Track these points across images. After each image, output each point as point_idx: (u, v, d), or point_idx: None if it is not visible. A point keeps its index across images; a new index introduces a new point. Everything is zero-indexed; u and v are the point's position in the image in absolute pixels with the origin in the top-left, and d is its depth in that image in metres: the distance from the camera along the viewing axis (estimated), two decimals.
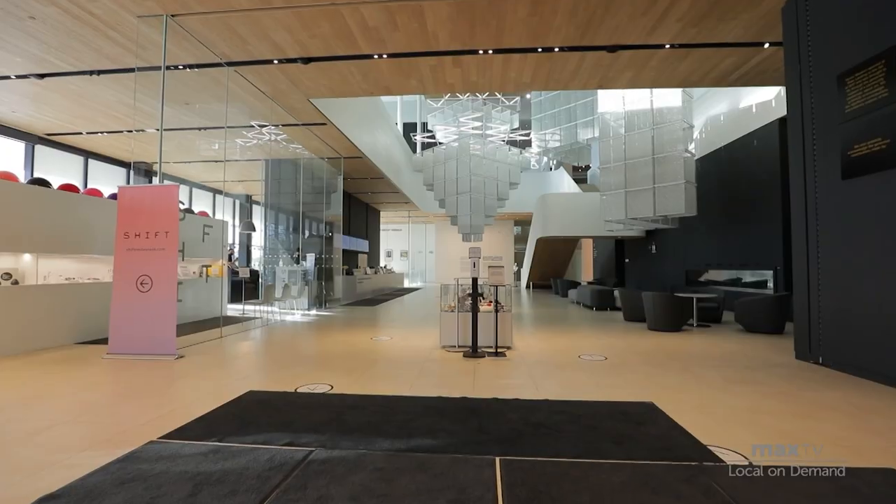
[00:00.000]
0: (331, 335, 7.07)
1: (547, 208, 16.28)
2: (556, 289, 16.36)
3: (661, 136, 9.80)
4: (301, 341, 6.53)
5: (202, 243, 8.06)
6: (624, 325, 8.16)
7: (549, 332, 7.38)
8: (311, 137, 10.75)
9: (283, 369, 4.70)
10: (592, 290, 10.88)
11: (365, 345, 6.11)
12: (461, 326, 5.74)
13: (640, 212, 9.99)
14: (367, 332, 7.35)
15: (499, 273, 5.33)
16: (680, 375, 4.42)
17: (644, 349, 5.86)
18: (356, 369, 4.61)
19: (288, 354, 5.54)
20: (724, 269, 11.38)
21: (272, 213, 13.12)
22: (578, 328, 7.92)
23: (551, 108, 16.54)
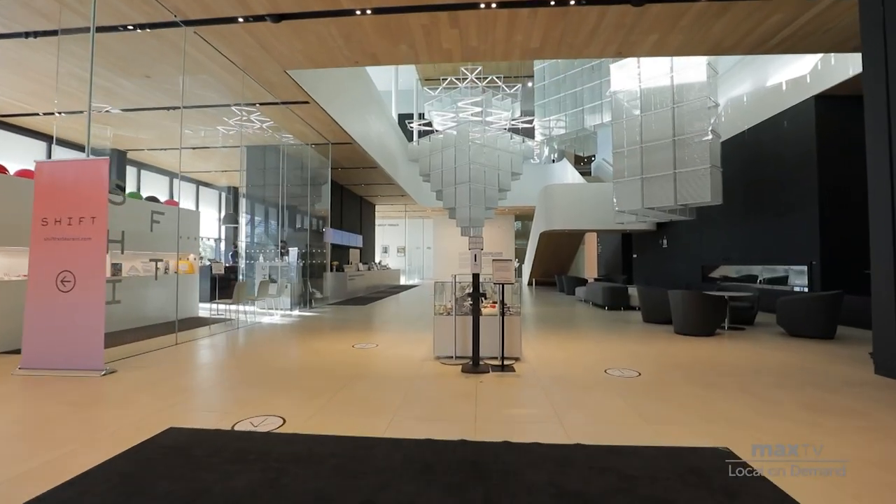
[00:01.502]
0: (306, 342, 6.05)
1: (551, 200, 15.26)
2: (561, 286, 15.37)
3: (682, 116, 8.77)
4: (267, 350, 5.51)
5: (150, 233, 6.94)
6: (645, 328, 7.16)
7: (561, 338, 6.37)
8: (293, 119, 9.70)
9: (230, 391, 3.69)
10: (604, 287, 9.87)
11: (344, 355, 5.10)
12: (459, 333, 4.73)
13: (658, 200, 8.98)
14: (350, 337, 6.34)
15: (505, 268, 4.32)
16: (742, 400, 3.42)
17: (681, 360, 4.85)
18: (324, 391, 3.60)
19: (245, 369, 4.52)
20: (747, 264, 10.39)
21: (254, 205, 12.08)
22: (594, 332, 6.91)
23: (556, 94, 15.49)
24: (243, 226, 11.98)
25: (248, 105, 8.97)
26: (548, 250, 17.49)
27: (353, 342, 5.85)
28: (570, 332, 6.97)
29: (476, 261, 4.32)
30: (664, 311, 7.39)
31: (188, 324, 7.34)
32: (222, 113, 9.65)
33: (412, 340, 5.98)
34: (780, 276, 9.99)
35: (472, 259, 4.36)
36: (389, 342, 5.90)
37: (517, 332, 4.70)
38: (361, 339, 6.14)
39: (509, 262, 4.37)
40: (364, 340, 5.99)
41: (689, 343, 5.86)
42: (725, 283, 11.62)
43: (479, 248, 4.37)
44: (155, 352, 5.18)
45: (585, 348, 5.51)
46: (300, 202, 12.39)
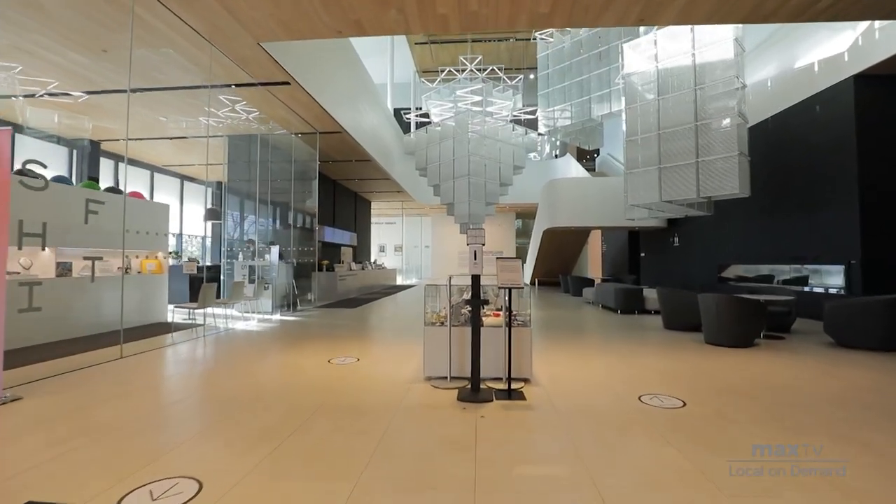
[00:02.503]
0: (276, 354, 5.15)
1: (555, 195, 14.37)
2: (566, 286, 14.48)
3: (705, 99, 7.88)
4: (224, 367, 4.61)
5: (84, 226, 5.96)
6: (668, 337, 6.27)
7: (576, 349, 5.47)
8: (273, 104, 8.79)
9: (147, 432, 2.78)
10: (617, 289, 8.99)
11: (315, 373, 4.20)
12: (455, 347, 3.84)
13: (677, 193, 8.09)
14: (329, 347, 5.44)
15: (512, 269, 3.43)
16: (842, 448, 2.53)
17: (728, 382, 3.95)
18: (272, 434, 2.70)
19: (183, 394, 3.63)
20: (773, 263, 9.50)
21: (236, 200, 11.17)
22: (613, 342, 6.01)
23: (560, 82, 14.59)
24: (228, 222, 11.07)
25: (223, 86, 8.06)
26: (551, 248, 16.59)
27: (331, 355, 4.95)
28: (585, 341, 6.07)
29: (476, 259, 3.43)
30: (688, 317, 6.52)
31: (148, 331, 6.45)
32: (200, 99, 8.74)
33: (401, 353, 5.08)
34: (800, 277, 9.13)
35: (472, 257, 3.47)
36: (374, 355, 5.00)
37: (527, 347, 3.81)
38: (342, 350, 5.24)
39: (516, 261, 3.48)
40: (344, 353, 5.09)
41: (727, 357, 4.97)
42: (740, 283, 10.75)
43: (479, 244, 3.47)
44: (87, 369, 4.28)
45: (607, 364, 4.61)
46: (287, 197, 11.50)
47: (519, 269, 3.41)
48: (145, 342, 5.66)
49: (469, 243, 3.52)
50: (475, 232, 3.50)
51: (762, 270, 9.90)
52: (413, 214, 26.51)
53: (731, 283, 11.04)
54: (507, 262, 3.45)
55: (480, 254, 3.45)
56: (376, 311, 9.88)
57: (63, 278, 5.82)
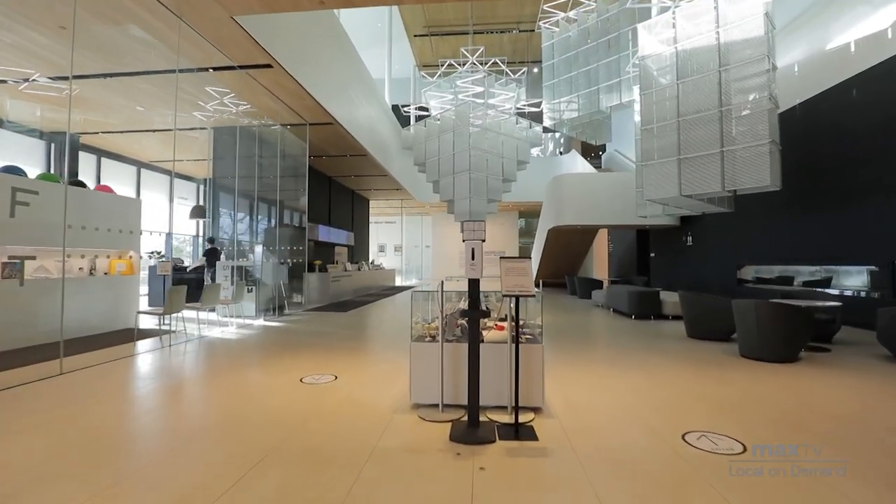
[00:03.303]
0: (240, 370, 4.43)
1: (561, 192, 13.63)
2: (573, 288, 13.72)
3: (731, 82, 7.12)
4: (174, 388, 3.90)
5: (11, 220, 5.17)
6: (694, 348, 5.52)
7: (593, 363, 4.73)
8: (256, 90, 8.08)
9: (20, 495, 2.07)
10: (631, 292, 8.24)
11: (278, 400, 3.47)
12: (449, 368, 3.11)
13: (699, 186, 7.32)
14: (305, 361, 4.71)
15: (521, 272, 2.69)
16: None
17: (787, 411, 3.20)
18: (199, 494, 1.98)
19: (105, 429, 2.91)
20: (802, 264, 8.72)
21: (223, 197, 10.47)
22: (634, 354, 5.25)
23: (566, 73, 13.84)
24: (209, 220, 10.37)
25: (200, 70, 7.35)
26: (557, 248, 15.83)
27: (306, 371, 4.22)
28: (601, 353, 5.32)
29: (474, 259, 2.69)
30: (716, 325, 5.78)
31: (106, 340, 5.74)
32: (182, 87, 8.04)
33: (387, 369, 4.35)
34: (823, 279, 8.38)
35: (469, 256, 2.74)
36: (355, 372, 4.27)
37: (538, 368, 3.07)
38: (319, 365, 4.51)
39: (525, 262, 2.74)
40: (321, 369, 4.36)
41: (772, 375, 4.21)
42: (760, 285, 9.98)
43: (478, 240, 2.74)
44: (12, 389, 3.57)
45: (633, 385, 3.87)
46: (276, 193, 10.81)
47: (529, 272, 2.67)
48: (95, 354, 4.95)
49: (466, 239, 2.79)
50: (473, 226, 2.77)
51: (790, 272, 9.13)
52: (413, 214, 25.80)
53: (748, 284, 10.28)
54: (513, 264, 2.71)
55: (480, 252, 2.72)
56: (369, 315, 9.15)
57: None
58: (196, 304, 6.42)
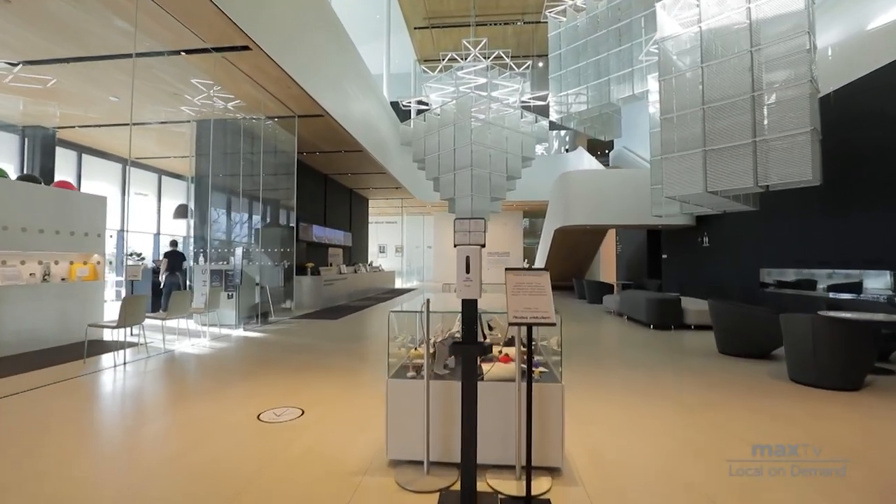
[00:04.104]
0: (190, 399, 3.68)
1: (569, 190, 12.85)
2: (582, 292, 12.93)
3: (763, 64, 6.33)
4: (99, 424, 3.17)
5: None
6: (732, 368, 4.73)
7: (618, 392, 3.95)
8: (236, 76, 7.34)
9: None
10: (650, 300, 7.45)
11: (220, 448, 2.72)
12: (437, 414, 2.35)
13: (728, 181, 6.53)
14: (270, 389, 3.97)
15: (536, 290, 1.93)
16: None
17: (893, 472, 2.43)
18: None
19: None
20: (836, 268, 7.91)
21: (207, 195, 9.76)
22: (662, 377, 4.46)
23: (574, 63, 13.05)
24: (195, 220, 9.66)
25: (172, 53, 6.63)
26: (563, 249, 15.04)
27: (269, 402, 3.47)
28: (626, 376, 4.53)
29: (469, 273, 1.93)
30: (754, 339, 5.00)
31: (56, 356, 5.02)
32: (160, 79, 7.33)
33: (365, 403, 3.59)
34: (851, 283, 7.59)
35: (462, 267, 1.98)
36: (328, 404, 3.52)
37: (557, 416, 2.30)
38: (287, 393, 3.77)
39: (542, 277, 1.98)
40: (288, 398, 3.61)
41: (841, 407, 3.43)
42: (782, 290, 9.18)
43: (475, 245, 1.98)
44: None
45: (672, 426, 3.09)
46: (264, 191, 10.09)
47: (547, 290, 1.91)
48: (30, 377, 4.22)
49: (459, 244, 2.03)
50: (468, 225, 2.02)
51: (814, 275, 8.33)
52: (415, 213, 25.08)
53: (768, 288, 9.47)
54: (526, 278, 1.95)
55: (477, 262, 1.96)
56: (360, 323, 8.41)
57: None
58: (161, 313, 5.68)
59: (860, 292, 7.44)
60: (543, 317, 1.85)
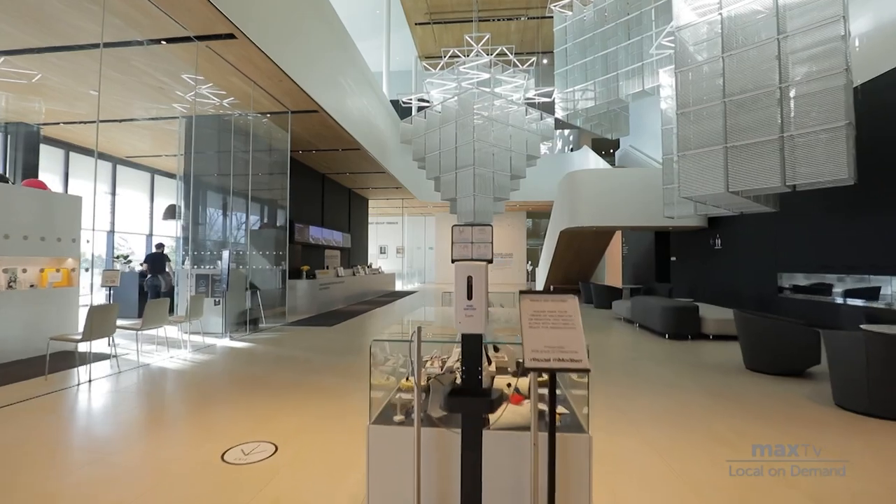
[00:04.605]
0: (146, 433, 3.20)
1: (575, 190, 12.34)
2: (589, 296, 12.42)
3: (792, 53, 5.82)
4: (22, 471, 2.70)
5: None
6: (764, 389, 4.23)
7: (645, 428, 3.45)
8: (223, 69, 6.88)
9: None
10: (665, 307, 6.95)
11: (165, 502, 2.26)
12: (432, 469, 1.87)
13: (752, 180, 6.02)
14: (242, 416, 3.49)
15: (563, 323, 1.44)
16: None
17: None
18: None
19: None
20: (863, 273, 7.40)
21: (199, 195, 9.29)
22: (691, 402, 3.95)
23: (581, 58, 12.54)
24: (180, 220, 9.19)
25: (152, 42, 6.17)
26: (569, 252, 14.53)
27: (238, 435, 2.99)
28: (650, 402, 4.01)
29: (472, 299, 1.44)
30: (786, 355, 4.50)
31: (15, 372, 4.55)
32: (144, 72, 6.87)
33: (350, 438, 3.11)
34: (868, 288, 7.13)
35: (464, 291, 1.49)
36: (306, 437, 3.04)
37: (581, 475, 1.81)
38: (262, 422, 3.29)
39: (570, 303, 1.49)
40: (261, 430, 3.13)
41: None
42: (798, 295, 8.70)
43: (479, 260, 1.50)
44: None
45: (715, 475, 2.60)
46: (256, 192, 9.63)
47: (576, 323, 1.43)
48: None
49: (458, 259, 1.54)
50: (471, 234, 1.53)
51: (830, 280, 7.85)
52: (416, 214, 24.61)
53: (783, 293, 8.98)
54: (547, 305, 1.47)
55: (483, 285, 1.47)
56: (355, 330, 7.93)
57: None
58: (136, 322, 5.21)
59: (875, 297, 6.98)
60: (573, 359, 1.37)
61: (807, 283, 8.55)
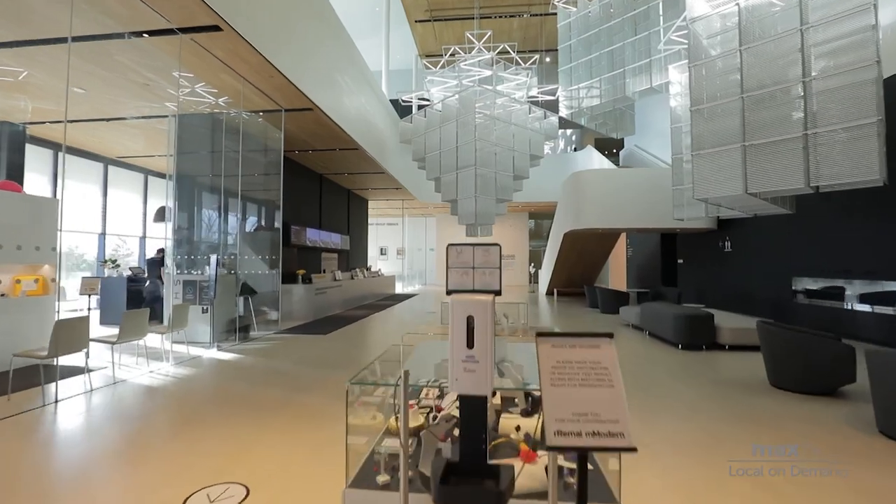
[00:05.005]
0: (98, 471, 2.83)
1: (580, 191, 11.96)
2: (594, 300, 12.03)
3: (816, 45, 5.43)
4: None
5: None
6: (795, 411, 3.84)
7: (668, 459, 3.06)
8: (212, 64, 6.51)
9: None
10: (678, 316, 6.56)
11: None
12: None
13: (773, 181, 5.63)
14: (213, 448, 3.12)
15: (596, 374, 1.06)
16: None
17: None
18: None
19: None
20: (888, 279, 7.00)
21: (186, 197, 8.93)
22: (716, 427, 3.57)
23: (586, 55, 12.14)
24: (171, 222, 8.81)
25: (134, 35, 5.81)
26: (573, 254, 14.15)
27: (205, 475, 2.61)
28: (671, 428, 3.62)
29: (473, 347, 1.06)
30: (816, 372, 4.13)
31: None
32: (130, 69, 6.51)
33: (334, 471, 2.73)
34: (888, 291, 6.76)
35: (462, 337, 1.11)
36: (284, 475, 2.66)
37: None
38: (234, 456, 2.91)
39: (604, 347, 1.11)
40: (233, 467, 2.75)
41: None
42: (812, 300, 8.33)
43: (484, 300, 1.12)
44: None
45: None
46: (249, 193, 9.26)
47: (615, 378, 1.06)
48: None
49: (454, 289, 1.16)
50: (471, 257, 1.15)
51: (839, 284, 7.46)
52: (417, 214, 24.23)
53: (802, 298, 8.59)
54: (575, 353, 1.09)
55: (486, 328, 1.09)
56: (353, 338, 7.56)
57: None
58: (111, 337, 4.84)
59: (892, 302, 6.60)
60: (611, 432, 0.99)
61: (825, 289, 8.15)
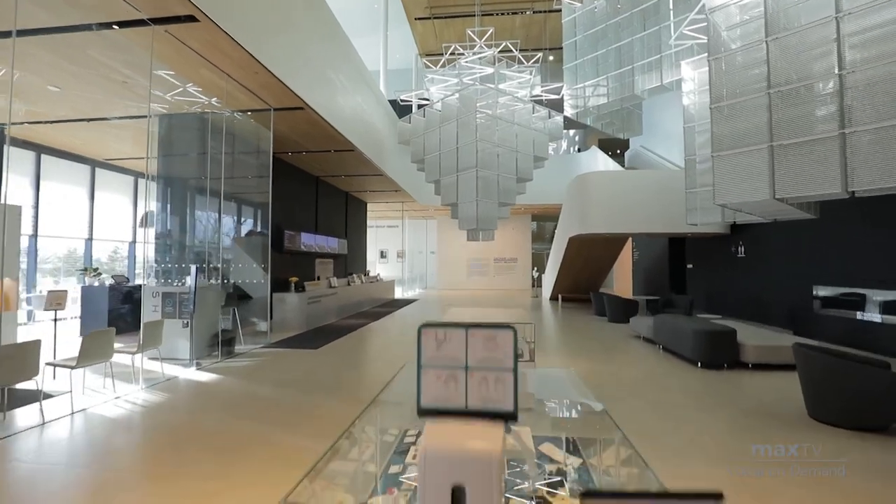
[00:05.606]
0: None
1: (586, 194, 11.43)
2: (601, 308, 11.50)
3: (850, 35, 4.91)
4: None
5: None
6: (850, 452, 3.31)
7: None
8: (190, 59, 6.03)
9: None
10: (698, 332, 6.03)
11: None
12: None
13: (804, 185, 5.10)
14: (184, 493, 2.63)
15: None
16: None
17: None
18: None
19: None
20: None
21: (171, 199, 8.45)
22: (757, 478, 3.06)
23: (592, 52, 11.64)
24: (155, 226, 8.33)
25: (102, 27, 5.33)
26: (579, 259, 13.61)
27: None
28: (710, 471, 3.10)
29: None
30: (865, 404, 3.60)
31: None
32: (104, 65, 6.04)
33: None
34: None
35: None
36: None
37: None
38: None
39: None
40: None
41: None
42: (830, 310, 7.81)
43: (483, 415, 0.61)
44: None
45: None
46: (238, 198, 8.79)
47: None
48: None
49: (424, 409, 0.65)
50: (462, 347, 0.64)
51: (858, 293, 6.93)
52: (417, 217, 23.74)
53: (826, 309, 8.04)
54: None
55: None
56: (345, 353, 7.06)
57: None
58: (70, 360, 4.35)
59: None
60: None
61: (851, 298, 7.61)
